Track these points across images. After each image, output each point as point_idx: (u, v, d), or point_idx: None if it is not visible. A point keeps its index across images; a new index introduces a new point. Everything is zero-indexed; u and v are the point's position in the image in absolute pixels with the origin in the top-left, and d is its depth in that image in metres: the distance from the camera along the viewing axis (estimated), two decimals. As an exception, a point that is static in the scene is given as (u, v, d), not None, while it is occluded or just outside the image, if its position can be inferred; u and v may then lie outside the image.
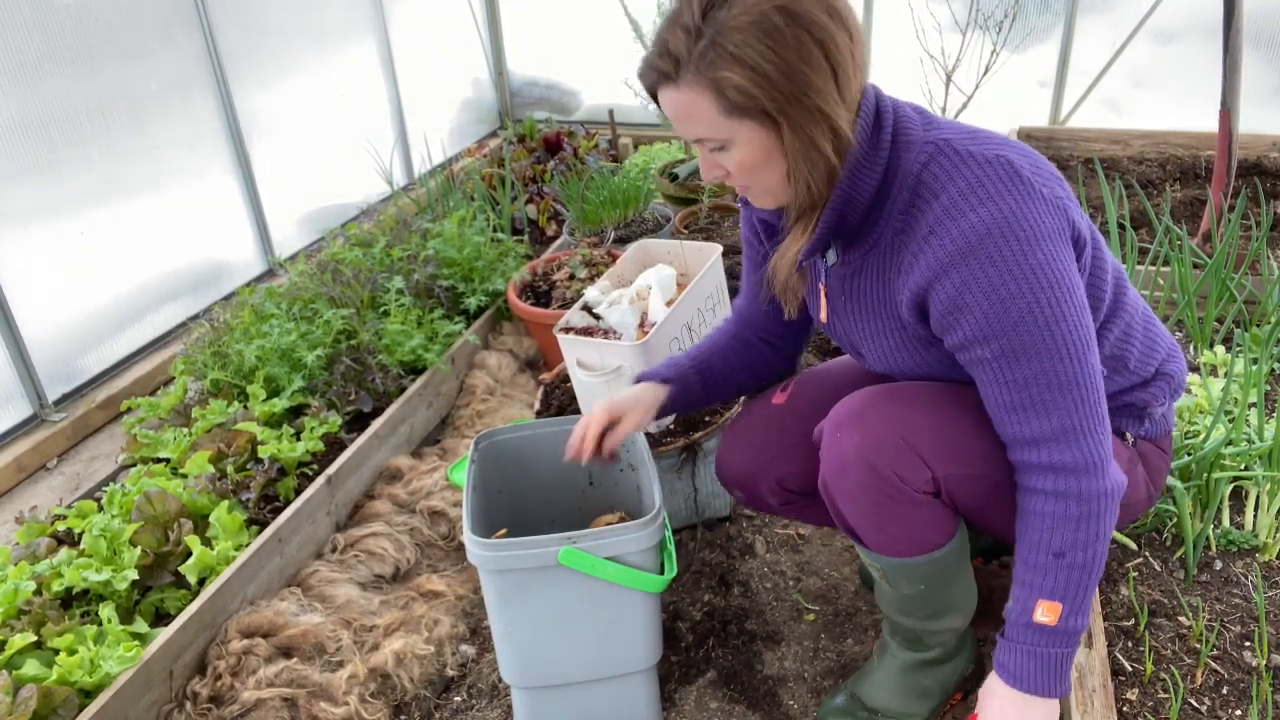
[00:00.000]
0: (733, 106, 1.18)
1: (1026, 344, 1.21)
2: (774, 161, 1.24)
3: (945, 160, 1.24)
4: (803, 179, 1.25)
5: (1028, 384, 1.23)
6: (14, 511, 2.22)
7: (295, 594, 1.93)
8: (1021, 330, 1.21)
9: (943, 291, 1.23)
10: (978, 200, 1.20)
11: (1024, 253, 1.19)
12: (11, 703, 1.51)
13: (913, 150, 1.26)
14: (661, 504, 1.53)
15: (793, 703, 1.72)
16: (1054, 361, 1.22)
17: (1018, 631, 1.29)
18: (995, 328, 1.21)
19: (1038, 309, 1.20)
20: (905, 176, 1.26)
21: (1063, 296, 1.21)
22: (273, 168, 3.32)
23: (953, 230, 1.21)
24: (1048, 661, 1.28)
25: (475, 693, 1.83)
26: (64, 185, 2.57)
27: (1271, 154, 3.56)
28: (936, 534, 1.40)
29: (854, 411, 1.37)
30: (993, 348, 1.23)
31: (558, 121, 4.74)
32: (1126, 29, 3.87)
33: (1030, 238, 1.19)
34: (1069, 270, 1.22)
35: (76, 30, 2.56)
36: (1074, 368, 1.22)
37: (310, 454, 2.17)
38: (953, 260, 1.21)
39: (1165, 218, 2.71)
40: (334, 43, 3.68)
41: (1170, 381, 1.47)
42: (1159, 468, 1.51)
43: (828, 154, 1.22)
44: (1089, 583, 1.27)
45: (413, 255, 2.86)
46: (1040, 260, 1.19)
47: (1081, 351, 1.23)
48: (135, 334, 2.83)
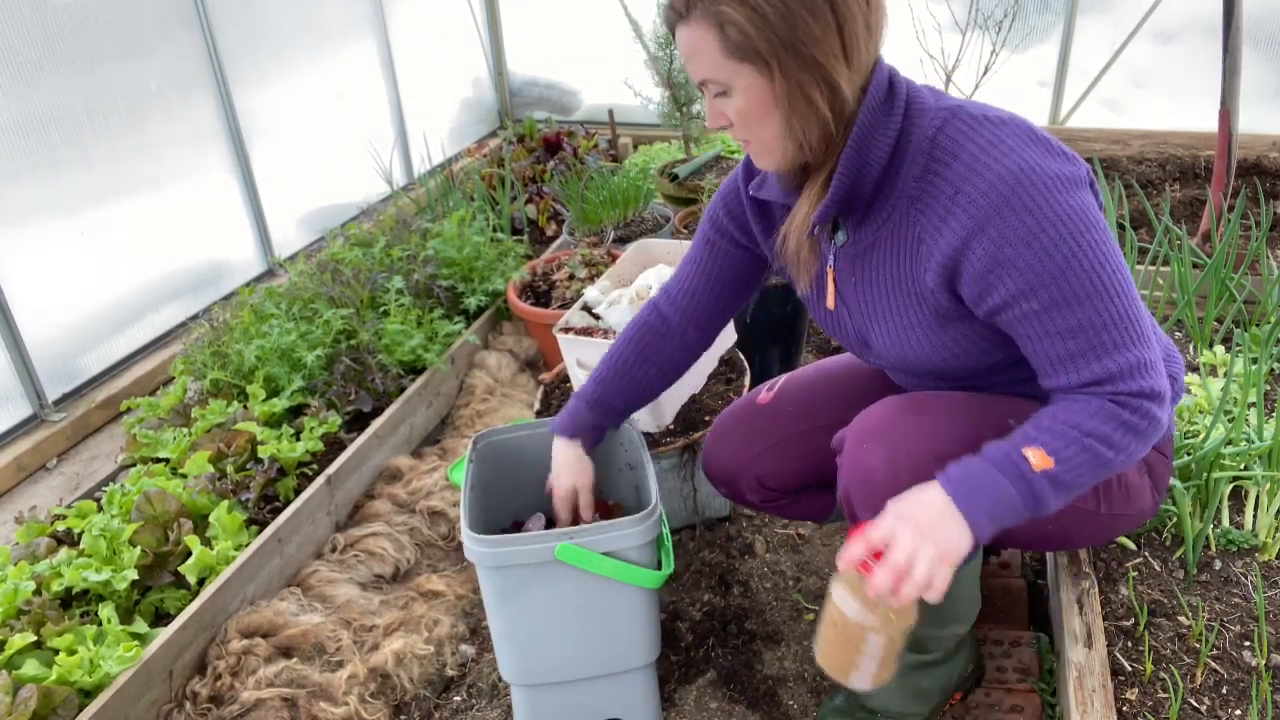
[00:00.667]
0: (733, 47, 1.18)
1: (1075, 290, 1.18)
2: (770, 113, 1.23)
3: (960, 123, 1.23)
4: (796, 134, 1.23)
5: (1082, 330, 1.19)
6: (14, 511, 2.22)
7: (295, 594, 1.93)
8: (1068, 276, 1.17)
9: (979, 249, 1.20)
10: (1000, 154, 1.18)
11: (1056, 200, 1.17)
12: (11, 703, 1.51)
13: (926, 117, 1.25)
14: (658, 499, 1.53)
15: (792, 703, 1.72)
16: (1105, 302, 1.18)
17: (992, 453, 1.21)
18: (1040, 278, 1.18)
19: (1081, 253, 1.17)
20: (920, 142, 1.24)
21: (1101, 238, 1.18)
22: (272, 167, 3.31)
23: (980, 185, 1.19)
24: (1000, 490, 1.18)
25: (475, 692, 1.83)
26: (64, 185, 2.57)
27: (1271, 154, 3.56)
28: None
29: (881, 423, 1.35)
30: (1040, 298, 1.19)
31: (557, 121, 4.74)
32: (1126, 29, 3.87)
33: (1058, 184, 1.17)
34: (1095, 210, 1.21)
35: (76, 30, 2.56)
36: (1124, 306, 1.19)
37: (310, 454, 2.17)
38: (987, 215, 1.18)
39: (1165, 217, 2.71)
40: (334, 42, 3.68)
41: (1171, 384, 1.46)
42: (1163, 475, 1.51)
43: (820, 107, 1.21)
44: (1088, 477, 1.21)
45: (412, 255, 2.86)
46: (1074, 205, 1.17)
47: (1126, 286, 1.20)
48: (135, 334, 2.83)
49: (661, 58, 3.72)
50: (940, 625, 1.52)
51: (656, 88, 3.82)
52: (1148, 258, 2.63)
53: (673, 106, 3.81)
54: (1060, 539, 1.49)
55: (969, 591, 1.47)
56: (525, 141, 4.33)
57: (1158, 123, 3.90)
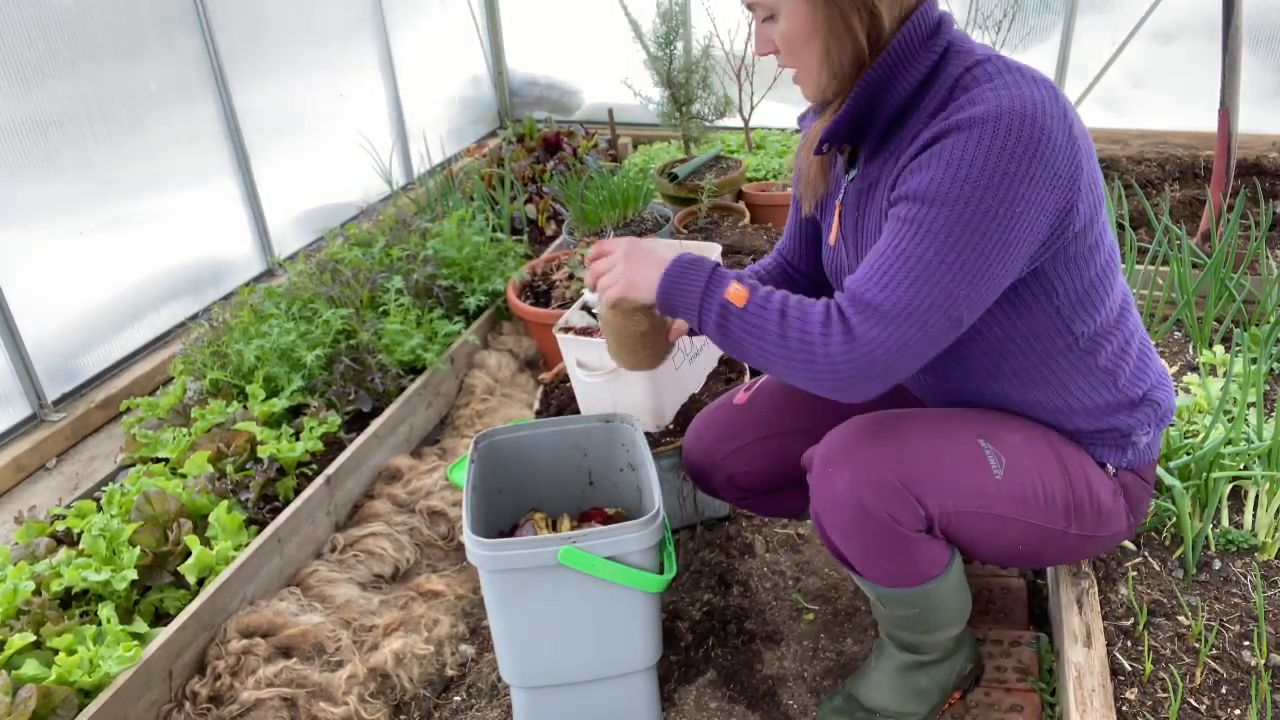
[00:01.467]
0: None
1: (943, 226, 1.16)
2: (810, 38, 1.24)
3: (991, 66, 1.22)
4: (834, 61, 1.25)
5: (904, 257, 1.18)
6: (13, 511, 2.22)
7: (295, 594, 1.93)
8: (952, 211, 1.15)
9: (927, 152, 1.19)
10: (1008, 92, 1.16)
11: (1018, 152, 1.14)
12: (11, 703, 1.51)
13: (959, 59, 1.24)
14: (661, 504, 1.53)
15: (792, 702, 1.72)
16: (941, 260, 1.16)
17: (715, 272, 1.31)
18: (938, 193, 1.16)
19: (981, 205, 1.14)
20: (945, 80, 1.24)
21: (1009, 221, 1.15)
22: (272, 167, 3.31)
23: (972, 108, 1.17)
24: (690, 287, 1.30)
25: (475, 692, 1.83)
26: (63, 185, 2.57)
27: (1271, 154, 3.56)
28: (930, 566, 1.40)
29: (846, 446, 1.35)
30: (919, 211, 1.17)
31: (557, 121, 4.74)
32: (1126, 29, 3.87)
33: (1033, 145, 1.14)
34: (1037, 211, 1.17)
35: (76, 30, 2.56)
36: (949, 283, 1.16)
37: (309, 454, 2.17)
38: (959, 126, 1.17)
39: (1164, 217, 2.71)
40: (333, 43, 3.68)
41: (1157, 409, 1.46)
42: (1140, 498, 1.51)
43: (857, 34, 1.22)
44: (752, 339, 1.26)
45: (412, 255, 2.86)
46: (1025, 172, 1.14)
47: (969, 278, 1.17)
48: (134, 334, 2.83)
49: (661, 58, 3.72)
50: (930, 632, 1.52)
51: (656, 88, 3.83)
52: (1147, 258, 2.64)
53: (672, 106, 3.81)
54: (1030, 557, 1.49)
55: (952, 598, 1.47)
56: (525, 141, 4.33)
57: (1157, 123, 3.91)
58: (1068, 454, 1.43)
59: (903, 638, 1.55)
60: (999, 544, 1.42)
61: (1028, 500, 1.38)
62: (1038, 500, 1.39)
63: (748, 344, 1.27)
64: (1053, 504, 1.40)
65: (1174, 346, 2.46)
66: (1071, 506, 1.42)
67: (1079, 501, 1.42)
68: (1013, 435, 1.40)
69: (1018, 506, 1.38)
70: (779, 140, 4.13)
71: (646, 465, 1.67)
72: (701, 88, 3.81)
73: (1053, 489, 1.40)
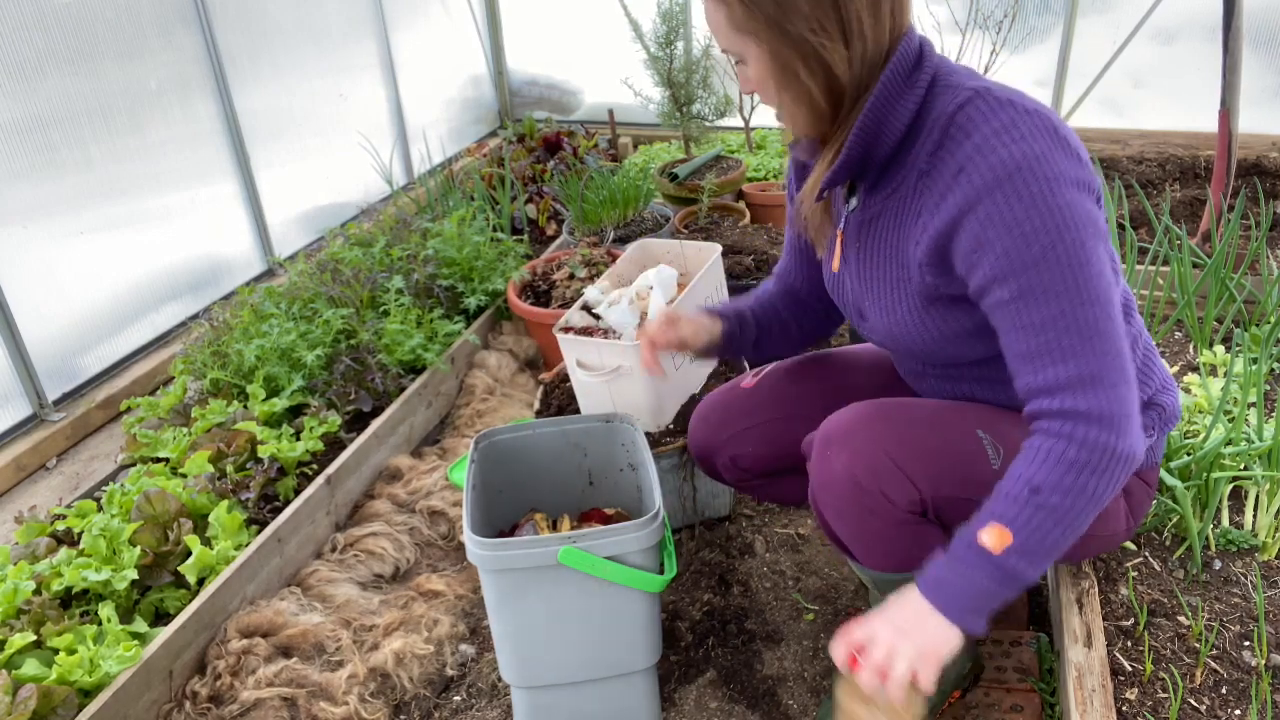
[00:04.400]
0: (737, 21, 1.22)
1: (1046, 284, 1.16)
2: (767, 85, 1.26)
3: (983, 103, 1.21)
4: (802, 106, 1.26)
5: (1045, 327, 1.17)
6: (13, 511, 2.22)
7: (295, 594, 1.93)
8: (1041, 269, 1.16)
9: (968, 228, 1.20)
10: (1011, 139, 1.17)
11: (1051, 191, 1.15)
12: (11, 702, 1.51)
13: (950, 93, 1.24)
14: (661, 504, 1.53)
15: (792, 702, 1.72)
16: (1074, 305, 1.15)
17: (956, 544, 1.21)
18: (1015, 264, 1.17)
19: (1061, 247, 1.15)
20: (938, 117, 1.24)
21: (1087, 241, 1.16)
22: (272, 167, 3.31)
23: (982, 165, 1.18)
24: (969, 584, 1.18)
25: (475, 692, 1.83)
26: (64, 185, 2.57)
27: (1271, 154, 3.56)
28: (926, 551, 1.39)
29: (844, 428, 1.36)
30: (1011, 287, 1.18)
31: (557, 121, 4.74)
32: (1126, 29, 3.87)
33: (1059, 179, 1.16)
34: (1096, 220, 1.18)
35: (76, 30, 2.56)
36: (1096, 314, 1.16)
37: (310, 454, 2.17)
38: (979, 194, 1.18)
39: (1165, 217, 2.71)
40: (334, 42, 3.68)
41: (1161, 413, 1.46)
42: (1141, 501, 1.51)
43: (807, 84, 1.23)
44: (1055, 534, 1.17)
45: (412, 255, 2.86)
46: (1067, 201, 1.16)
47: (1105, 300, 1.16)
48: (135, 334, 2.83)
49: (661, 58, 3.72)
50: None
51: (656, 88, 3.82)
52: (1148, 258, 2.63)
53: (672, 106, 3.81)
54: None
55: None
56: (525, 141, 4.33)
57: (1157, 123, 3.90)
58: None
59: None
60: None
61: None
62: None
63: (1061, 534, 1.18)
64: None
65: (1174, 346, 2.46)
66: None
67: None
68: (1012, 429, 1.40)
69: None
70: (779, 140, 4.13)
71: (646, 465, 1.67)
72: (702, 88, 3.81)
73: None
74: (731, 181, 3.54)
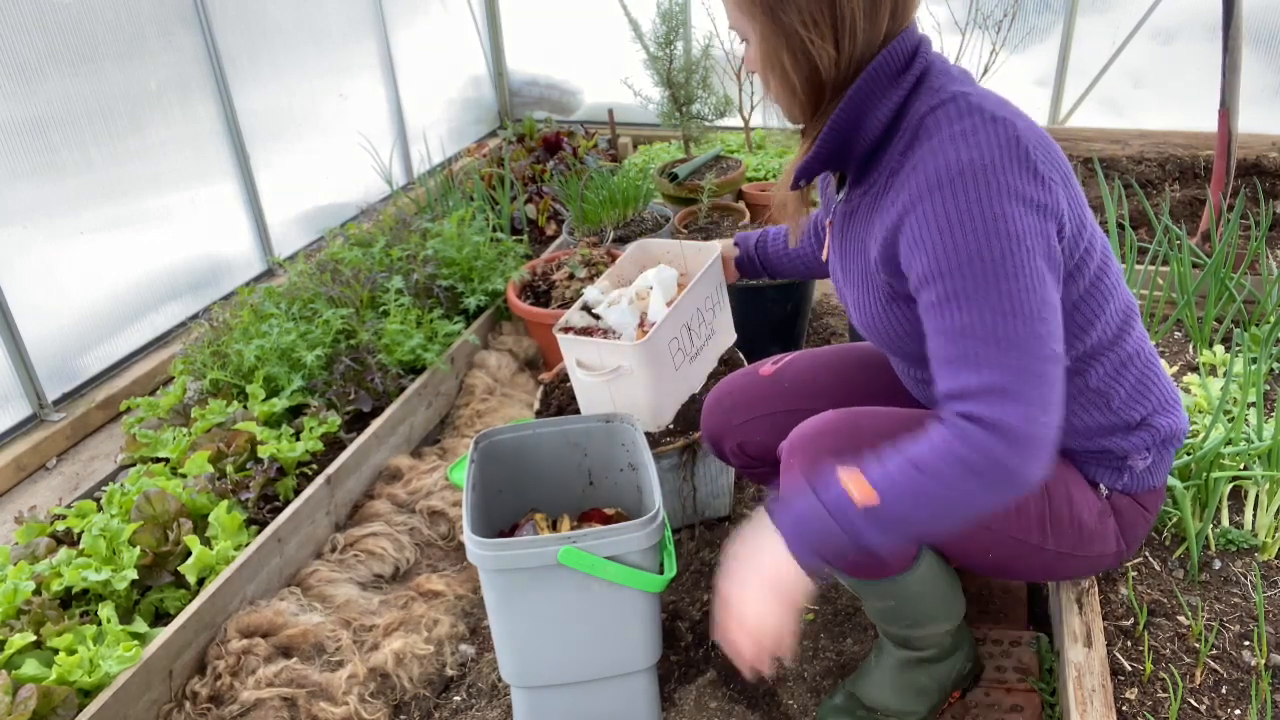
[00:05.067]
0: (741, 1, 1.24)
1: (969, 290, 1.14)
2: (763, 67, 1.29)
3: (953, 107, 1.22)
4: (774, 92, 1.30)
5: (964, 334, 1.15)
6: (13, 511, 2.22)
7: (295, 594, 1.93)
8: (966, 274, 1.14)
9: (909, 227, 1.20)
10: (964, 145, 1.17)
11: (990, 199, 1.14)
12: (11, 702, 1.51)
13: (930, 95, 1.25)
14: (661, 504, 1.53)
15: (792, 702, 1.72)
16: (995, 315, 1.13)
17: (822, 486, 1.21)
18: (942, 267, 1.16)
19: (988, 254, 1.13)
20: (913, 118, 1.25)
21: (1017, 252, 1.13)
22: (272, 167, 3.31)
23: (929, 166, 1.19)
24: (815, 520, 1.19)
25: (475, 692, 1.83)
26: (64, 185, 2.57)
27: (1271, 154, 3.56)
28: (893, 559, 1.40)
29: (806, 436, 1.37)
30: (937, 289, 1.17)
31: (557, 121, 4.74)
32: (1126, 29, 3.87)
33: (1002, 189, 1.15)
34: (1036, 236, 1.15)
35: (76, 30, 2.56)
36: (1019, 328, 1.13)
37: (310, 454, 2.17)
38: (921, 194, 1.18)
39: (1164, 217, 2.71)
40: (334, 42, 3.68)
41: (1155, 433, 1.42)
42: (1135, 523, 1.49)
43: (790, 75, 1.25)
44: (917, 516, 1.16)
45: (412, 255, 2.86)
46: (1004, 211, 1.14)
47: (1031, 315, 1.13)
48: (134, 334, 2.83)
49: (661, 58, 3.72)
50: (916, 626, 1.53)
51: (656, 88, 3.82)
52: (1147, 258, 2.63)
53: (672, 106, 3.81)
54: (1004, 567, 1.49)
55: (927, 592, 1.47)
56: (525, 141, 4.33)
57: (1157, 122, 3.90)
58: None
59: (892, 631, 1.56)
60: (968, 549, 1.43)
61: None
62: (1006, 509, 1.36)
63: (921, 517, 1.17)
64: (1024, 514, 1.39)
65: (1174, 346, 2.46)
66: (1048, 520, 1.40)
67: (1056, 516, 1.41)
68: None
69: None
70: (780, 140, 4.13)
71: (646, 465, 1.67)
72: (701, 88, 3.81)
73: (1025, 500, 1.38)
74: (731, 181, 3.53)
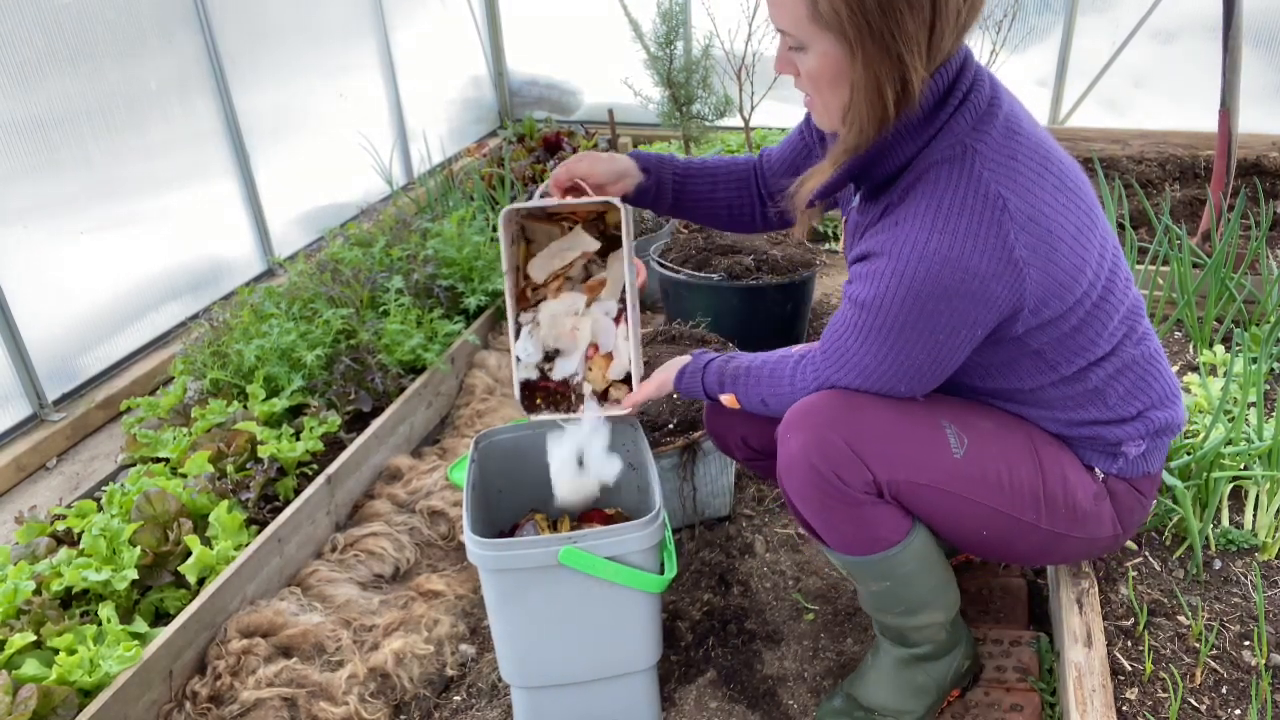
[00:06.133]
0: (820, 16, 1.16)
1: (878, 335, 1.29)
2: (840, 86, 1.22)
3: (954, 169, 1.22)
4: (858, 119, 1.22)
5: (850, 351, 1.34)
6: (13, 511, 2.22)
7: (295, 594, 1.93)
8: (884, 324, 1.27)
9: (872, 262, 1.28)
10: (942, 227, 1.20)
11: (937, 293, 1.22)
12: (11, 702, 1.51)
13: (947, 141, 1.24)
14: (661, 504, 1.53)
15: (792, 702, 1.72)
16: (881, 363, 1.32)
17: (714, 361, 1.56)
18: (873, 304, 1.27)
19: (910, 329, 1.26)
20: (923, 161, 1.25)
21: (938, 337, 1.26)
22: (272, 167, 3.31)
23: (907, 230, 1.22)
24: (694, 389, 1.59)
25: (475, 692, 1.83)
26: (64, 185, 2.57)
27: (1271, 153, 3.56)
28: (889, 532, 1.42)
29: (802, 413, 1.40)
30: (860, 312, 1.30)
31: (557, 121, 4.74)
32: (1126, 29, 3.87)
33: (952, 289, 1.22)
34: (968, 328, 1.26)
35: (76, 30, 2.56)
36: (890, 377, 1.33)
37: (310, 454, 2.17)
38: (889, 251, 1.24)
39: (1165, 217, 2.71)
40: (333, 42, 3.68)
41: (1149, 424, 1.44)
42: (1131, 508, 1.50)
43: (888, 103, 1.19)
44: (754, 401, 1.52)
45: (412, 255, 2.86)
46: (947, 307, 1.23)
47: (908, 376, 1.32)
48: (134, 334, 2.83)
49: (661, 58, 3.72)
50: (911, 613, 1.53)
51: (656, 88, 3.82)
52: (1148, 257, 2.64)
53: (672, 106, 3.81)
54: (999, 547, 1.51)
55: (920, 571, 1.47)
56: (525, 141, 4.33)
57: (1157, 122, 3.91)
58: (1046, 448, 1.44)
59: (887, 623, 1.56)
60: (962, 525, 1.44)
61: (989, 483, 1.39)
62: (1001, 486, 1.40)
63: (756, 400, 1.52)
64: (1018, 492, 1.41)
65: (1174, 346, 2.46)
66: (1042, 499, 1.42)
67: (1050, 495, 1.42)
68: (982, 421, 1.42)
69: (978, 488, 1.39)
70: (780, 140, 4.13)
71: (647, 465, 1.67)
72: (702, 88, 3.81)
73: (1020, 478, 1.41)
74: (731, 181, 3.53)
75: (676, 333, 2.40)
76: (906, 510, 1.42)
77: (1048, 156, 1.28)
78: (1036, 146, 1.28)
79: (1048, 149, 1.30)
